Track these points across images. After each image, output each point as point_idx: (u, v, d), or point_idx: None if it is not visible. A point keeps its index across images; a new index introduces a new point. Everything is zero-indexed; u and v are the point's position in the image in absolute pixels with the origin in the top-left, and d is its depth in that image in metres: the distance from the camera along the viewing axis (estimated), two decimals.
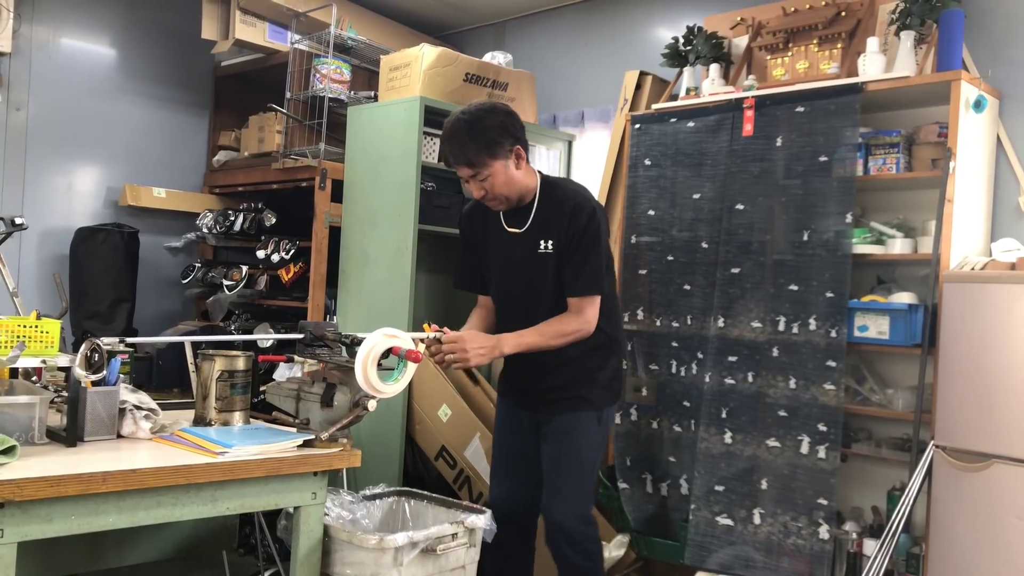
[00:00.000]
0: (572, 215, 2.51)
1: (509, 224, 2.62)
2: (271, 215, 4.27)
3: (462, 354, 2.34)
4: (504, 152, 2.47)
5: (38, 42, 4.28)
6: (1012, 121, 3.14)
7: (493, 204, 2.57)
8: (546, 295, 2.56)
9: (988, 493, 2.60)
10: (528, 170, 2.58)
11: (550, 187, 2.61)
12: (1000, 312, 2.62)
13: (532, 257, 2.57)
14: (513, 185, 2.52)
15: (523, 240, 2.59)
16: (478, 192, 2.52)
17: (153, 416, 2.18)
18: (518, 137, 2.51)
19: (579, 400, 2.58)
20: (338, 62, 4.19)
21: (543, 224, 2.56)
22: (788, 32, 3.36)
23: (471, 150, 2.45)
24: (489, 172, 2.47)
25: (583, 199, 2.56)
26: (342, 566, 2.17)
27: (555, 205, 2.55)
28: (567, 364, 2.58)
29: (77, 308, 4.19)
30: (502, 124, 2.48)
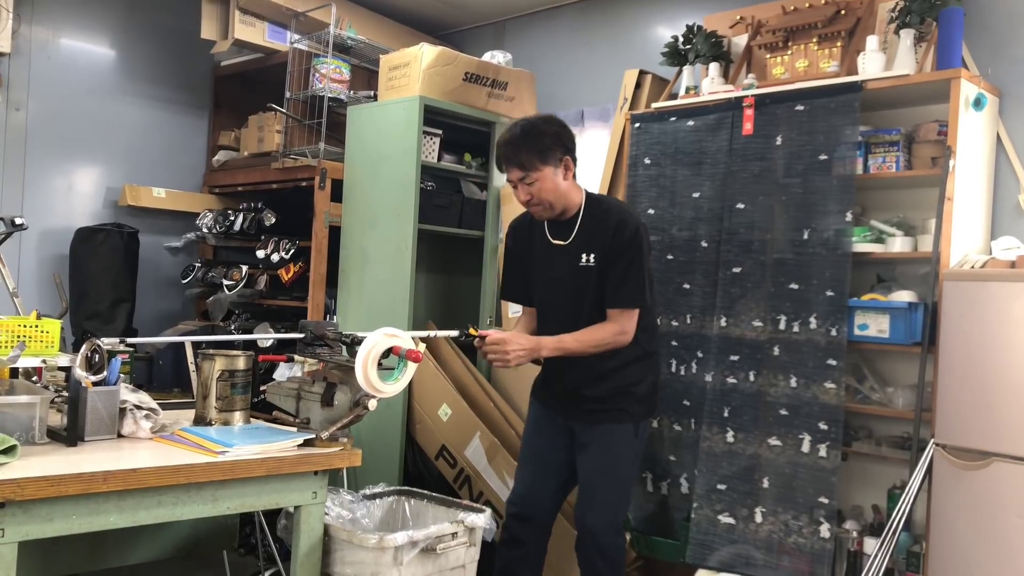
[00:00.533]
0: (616, 229, 2.58)
1: (554, 237, 2.70)
2: (271, 215, 4.27)
3: (503, 355, 2.46)
4: (554, 160, 2.57)
5: (38, 42, 4.28)
6: (1012, 119, 3.14)
7: (537, 210, 2.64)
8: (586, 307, 2.62)
9: (988, 491, 2.60)
10: (575, 184, 2.67)
11: (595, 202, 2.69)
12: (1000, 310, 2.62)
13: (574, 270, 2.63)
14: (559, 194, 2.60)
15: (566, 252, 2.66)
16: (524, 196, 2.61)
17: (153, 416, 2.18)
18: (569, 149, 2.62)
19: (618, 412, 2.63)
20: (337, 62, 4.19)
21: (586, 238, 2.63)
22: (788, 31, 3.36)
23: (524, 153, 2.55)
24: (538, 176, 2.56)
25: (627, 215, 2.65)
26: (342, 565, 2.17)
27: (599, 220, 2.63)
28: (606, 377, 2.63)
29: (77, 308, 4.19)
30: (556, 133, 2.60)
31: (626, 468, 2.67)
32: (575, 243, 2.65)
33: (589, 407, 2.66)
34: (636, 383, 2.66)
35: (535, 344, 2.53)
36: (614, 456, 2.64)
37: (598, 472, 2.65)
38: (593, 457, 2.66)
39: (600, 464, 2.65)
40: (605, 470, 2.64)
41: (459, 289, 4.14)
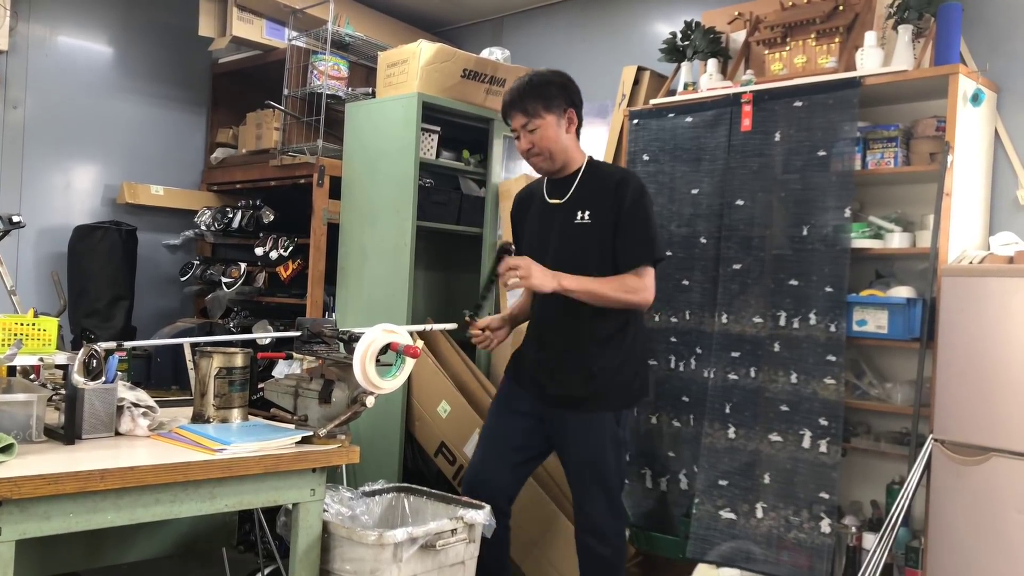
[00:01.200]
0: (618, 187, 2.56)
1: (551, 196, 2.68)
2: (269, 212, 4.27)
3: (527, 272, 2.42)
4: (558, 109, 2.59)
5: (35, 40, 4.27)
6: (1010, 114, 3.13)
7: (536, 161, 2.63)
8: (583, 270, 2.54)
9: (987, 486, 2.60)
10: (577, 143, 2.67)
11: (596, 165, 2.69)
12: (998, 306, 2.62)
13: (569, 228, 2.60)
14: (560, 145, 2.60)
15: (562, 210, 2.63)
16: (525, 144, 2.61)
17: (151, 413, 2.18)
18: (575, 103, 2.63)
19: (597, 400, 2.59)
20: (336, 59, 4.19)
21: (584, 196, 2.61)
22: (786, 27, 3.36)
23: (528, 99, 2.57)
24: (540, 124, 2.57)
25: (630, 174, 2.65)
26: (341, 562, 2.17)
27: (599, 179, 2.62)
28: (585, 358, 2.58)
29: (76, 306, 4.19)
30: (563, 84, 2.63)
31: (613, 456, 2.61)
32: (571, 201, 2.62)
33: (565, 393, 2.60)
34: (618, 368, 2.60)
35: (557, 275, 2.46)
36: (597, 447, 2.59)
37: (584, 464, 2.62)
38: (575, 450, 2.62)
39: (583, 457, 2.61)
40: (591, 462, 2.60)
41: (458, 286, 4.14)
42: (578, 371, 2.59)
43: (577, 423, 2.60)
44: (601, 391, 2.58)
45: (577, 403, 2.60)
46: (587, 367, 2.58)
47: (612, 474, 2.62)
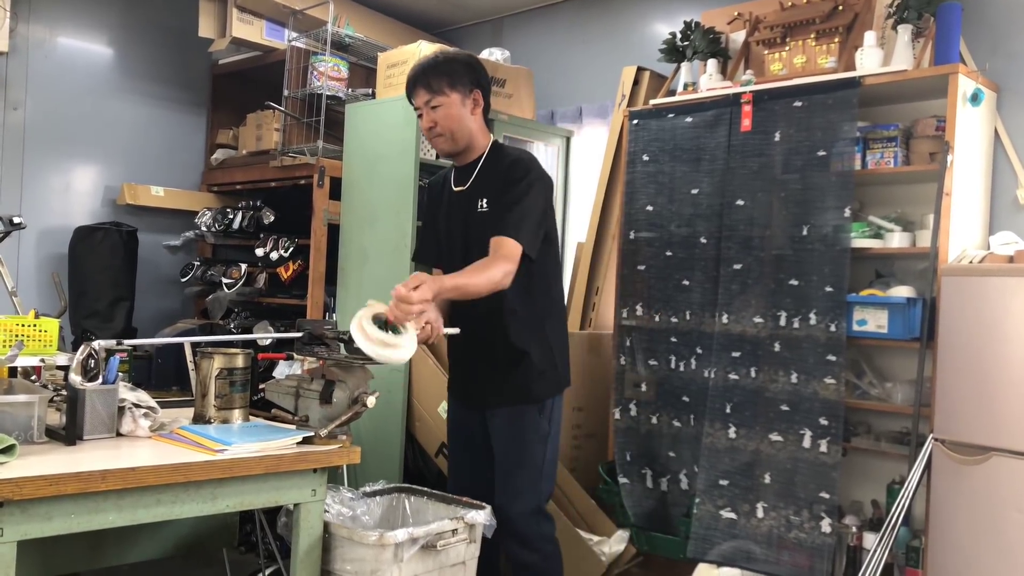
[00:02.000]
0: (508, 170, 2.49)
1: (456, 184, 2.61)
2: (269, 213, 4.27)
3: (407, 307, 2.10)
4: (463, 88, 2.50)
5: (35, 41, 4.28)
6: (1010, 114, 3.13)
7: (439, 142, 2.55)
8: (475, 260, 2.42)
9: (987, 486, 2.60)
10: (483, 127, 2.58)
11: (499, 149, 2.60)
12: (998, 305, 2.62)
13: (471, 216, 2.54)
14: (462, 125, 2.51)
15: (465, 198, 2.57)
16: (427, 123, 2.52)
17: (152, 414, 2.18)
18: (480, 84, 2.55)
19: (518, 391, 2.51)
20: (336, 59, 4.19)
21: (483, 183, 2.54)
22: (785, 27, 3.36)
23: (433, 75, 2.49)
24: (443, 101, 2.49)
25: (525, 159, 2.53)
26: (342, 562, 2.17)
27: (497, 164, 2.54)
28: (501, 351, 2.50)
29: (76, 307, 4.19)
30: (468, 63, 2.55)
31: (535, 451, 2.51)
32: (472, 188, 2.55)
33: (491, 387, 2.54)
34: (534, 356, 2.50)
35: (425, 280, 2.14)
36: (520, 440, 2.51)
37: (505, 457, 2.53)
38: (499, 443, 2.55)
39: (506, 449, 2.53)
40: (512, 455, 2.52)
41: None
42: (496, 367, 2.53)
43: (501, 419, 2.54)
44: (520, 383, 2.50)
45: (498, 398, 2.53)
46: (505, 361, 2.51)
47: (535, 471, 2.51)
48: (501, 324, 2.51)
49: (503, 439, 2.55)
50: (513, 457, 2.53)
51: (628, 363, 3.56)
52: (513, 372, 2.52)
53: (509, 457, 2.54)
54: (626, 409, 3.55)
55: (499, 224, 2.41)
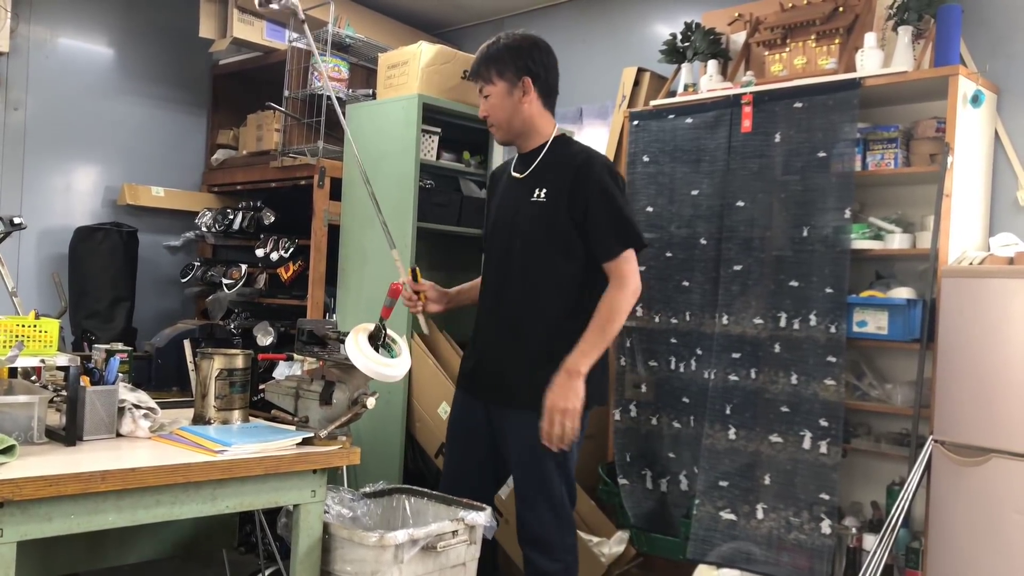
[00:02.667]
0: (580, 169, 2.39)
1: (516, 170, 2.55)
2: (270, 213, 4.27)
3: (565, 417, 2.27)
4: (509, 75, 2.45)
5: (36, 41, 4.28)
6: (1010, 116, 3.13)
7: (493, 131, 2.54)
8: (529, 251, 2.42)
9: (987, 487, 2.60)
10: (544, 114, 2.52)
11: (565, 141, 2.54)
12: (998, 307, 2.62)
13: (526, 206, 2.45)
14: (511, 113, 2.47)
15: (522, 185, 2.49)
16: (481, 110, 2.52)
17: (152, 415, 2.18)
18: (531, 69, 2.46)
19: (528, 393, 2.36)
20: (336, 60, 4.19)
21: (544, 172, 2.46)
22: (786, 28, 3.36)
23: (482, 64, 2.48)
24: (491, 91, 2.47)
25: (596, 156, 2.45)
26: (342, 563, 2.17)
27: (563, 156, 2.46)
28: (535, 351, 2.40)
29: (76, 307, 4.20)
30: (515, 49, 2.47)
31: (556, 459, 2.39)
32: (531, 176, 2.47)
33: (509, 385, 2.42)
34: None
35: (565, 380, 2.26)
36: (536, 450, 2.36)
37: (525, 467, 2.43)
38: (515, 450, 2.44)
39: (524, 458, 2.42)
40: (532, 463, 2.40)
41: None
42: (523, 366, 2.42)
43: (517, 419, 2.42)
44: (537, 386, 2.34)
45: (518, 399, 2.41)
46: (532, 362, 2.40)
47: (555, 479, 2.41)
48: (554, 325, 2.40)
49: (517, 447, 2.45)
50: (530, 466, 2.43)
51: (628, 364, 3.57)
52: (531, 371, 2.39)
53: (525, 466, 2.44)
54: (626, 410, 3.55)
55: (607, 242, 2.36)
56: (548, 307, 2.41)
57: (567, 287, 2.41)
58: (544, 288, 2.41)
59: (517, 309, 2.45)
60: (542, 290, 2.41)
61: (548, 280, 2.41)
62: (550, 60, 2.53)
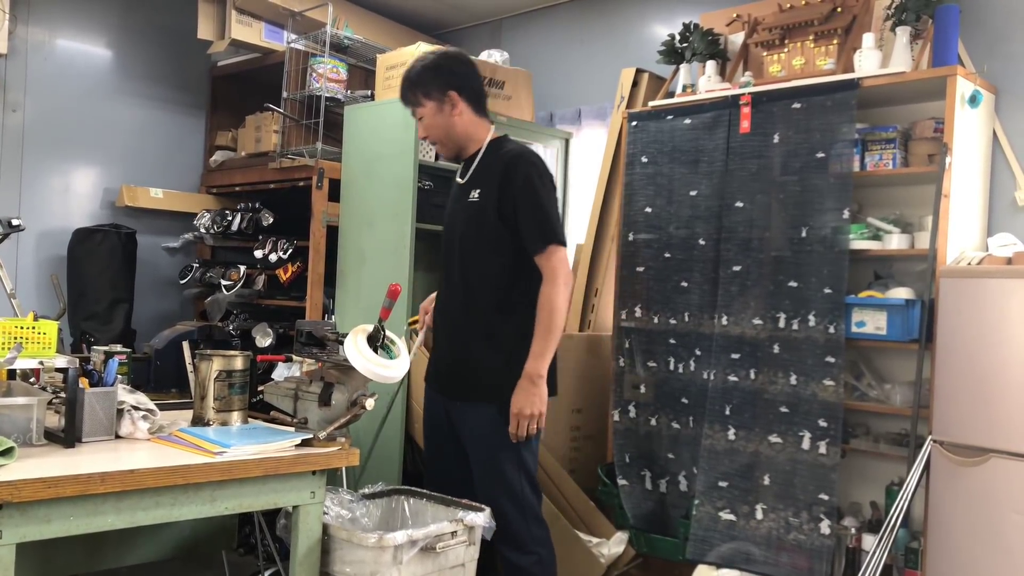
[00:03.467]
0: (507, 167, 2.48)
1: (460, 176, 2.65)
2: (268, 215, 4.27)
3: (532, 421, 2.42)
4: (435, 94, 2.53)
5: (34, 43, 4.28)
6: (1008, 116, 3.14)
7: (436, 148, 2.65)
8: (468, 249, 2.52)
9: (986, 487, 2.61)
10: (475, 120, 2.59)
11: (499, 142, 2.61)
12: (997, 307, 2.62)
13: (464, 206, 2.56)
14: (446, 129, 2.56)
15: (462, 189, 2.60)
16: (420, 133, 2.63)
17: (151, 416, 2.18)
18: (453, 83, 2.54)
19: (489, 390, 2.48)
20: (335, 61, 4.19)
21: (480, 174, 2.56)
22: (784, 28, 3.36)
23: (408, 89, 2.58)
24: (423, 112, 2.57)
25: (523, 153, 2.54)
26: (342, 565, 2.17)
27: (496, 156, 2.55)
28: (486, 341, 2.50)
29: (75, 309, 4.19)
30: (435, 68, 2.55)
31: (508, 455, 2.47)
32: (470, 179, 2.58)
33: (458, 380, 2.53)
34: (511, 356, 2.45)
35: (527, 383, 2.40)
36: (488, 442, 2.48)
37: (484, 461, 2.51)
38: (471, 443, 2.54)
39: (482, 452, 2.51)
40: (489, 456, 2.49)
41: None
42: (472, 361, 2.52)
43: (469, 412, 2.52)
44: (495, 381, 2.47)
45: (472, 393, 2.52)
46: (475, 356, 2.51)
47: (512, 472, 2.48)
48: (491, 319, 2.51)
49: (471, 439, 2.54)
50: (485, 460, 2.51)
51: (627, 365, 3.57)
52: (478, 364, 2.51)
53: (481, 460, 2.53)
54: (625, 411, 3.56)
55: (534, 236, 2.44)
56: (483, 302, 2.51)
57: (498, 282, 2.50)
58: (479, 284, 2.52)
59: (457, 306, 2.56)
60: (477, 286, 2.52)
61: (481, 276, 2.51)
62: (470, 69, 2.62)
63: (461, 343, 2.55)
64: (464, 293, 2.54)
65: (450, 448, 2.64)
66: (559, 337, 2.45)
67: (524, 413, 2.41)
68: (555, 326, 2.42)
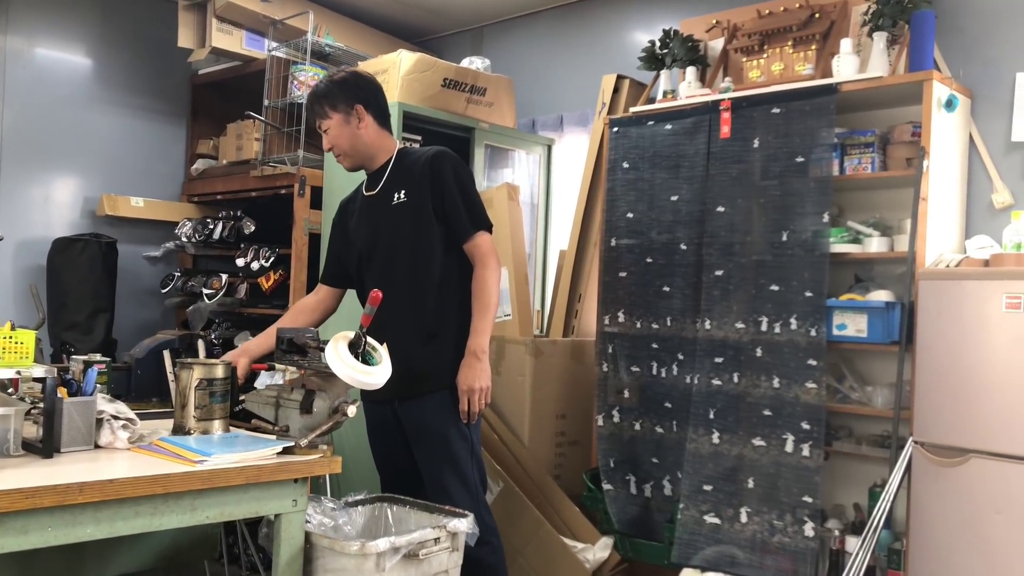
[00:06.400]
0: (432, 162, 2.58)
1: (367, 190, 2.71)
2: (250, 223, 4.25)
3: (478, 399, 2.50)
4: (342, 106, 2.61)
5: (12, 52, 4.25)
6: (984, 120, 3.17)
7: (340, 160, 2.69)
8: (403, 249, 2.58)
9: (966, 487, 2.63)
10: (380, 134, 2.68)
11: (406, 151, 2.73)
12: (975, 308, 2.65)
13: (387, 213, 2.61)
14: (353, 141, 2.63)
15: (378, 199, 2.66)
16: (326, 144, 2.67)
17: (131, 426, 2.16)
18: (360, 97, 2.63)
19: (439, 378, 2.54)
20: (316, 69, 4.18)
21: (397, 180, 2.63)
22: (763, 34, 3.39)
23: (315, 102, 2.65)
24: (328, 124, 2.63)
25: (442, 150, 2.66)
26: (324, 573, 2.15)
27: (411, 162, 2.64)
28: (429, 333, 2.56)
29: (55, 319, 4.16)
30: (343, 82, 2.65)
31: (458, 440, 2.54)
32: (385, 187, 2.64)
33: (416, 376, 2.53)
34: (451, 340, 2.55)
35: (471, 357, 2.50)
36: (439, 429, 2.53)
37: (436, 454, 2.55)
38: (421, 436, 2.57)
39: (427, 442, 2.56)
40: (439, 448, 2.54)
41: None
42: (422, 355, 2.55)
43: (424, 406, 2.55)
44: (435, 371, 2.54)
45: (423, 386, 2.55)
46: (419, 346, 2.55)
47: (467, 460, 2.55)
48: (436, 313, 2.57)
49: (423, 437, 2.57)
50: (439, 448, 2.55)
51: (611, 370, 3.57)
52: (428, 358, 2.55)
53: (434, 449, 2.56)
54: (609, 416, 3.56)
55: (466, 222, 2.56)
56: (427, 296, 2.58)
57: (439, 273, 2.58)
58: (424, 281, 2.58)
59: (403, 307, 2.57)
60: (422, 284, 2.58)
61: (425, 273, 2.58)
62: (376, 86, 2.71)
63: (409, 344, 2.54)
64: (409, 294, 2.57)
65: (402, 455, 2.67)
66: (494, 316, 2.58)
67: (474, 387, 2.49)
68: (492, 304, 2.55)
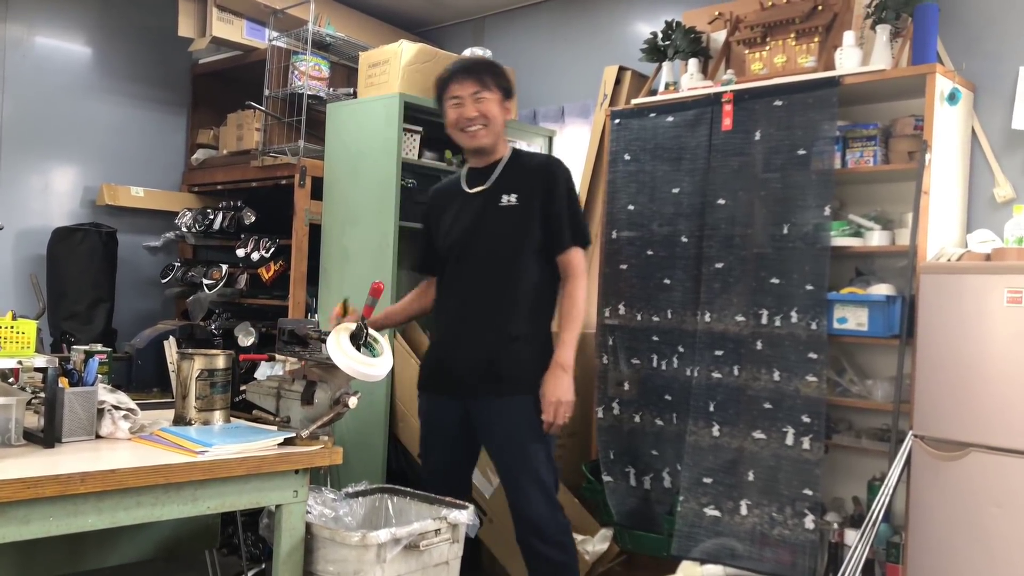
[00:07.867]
0: (545, 171, 2.65)
1: (472, 186, 2.71)
2: (251, 213, 4.25)
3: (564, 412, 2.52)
4: (505, 91, 2.69)
5: (12, 41, 4.24)
6: (986, 113, 3.17)
7: (474, 131, 2.64)
8: (503, 251, 2.61)
9: (966, 481, 2.63)
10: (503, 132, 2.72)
11: (521, 153, 2.77)
12: (976, 302, 2.65)
13: (494, 212, 2.63)
14: (498, 122, 2.66)
15: (485, 196, 2.66)
16: (471, 111, 2.62)
17: (132, 416, 2.16)
18: (512, 93, 2.75)
19: (526, 382, 2.56)
20: (317, 59, 4.17)
21: (508, 181, 2.66)
22: (765, 26, 3.38)
23: (484, 70, 2.67)
24: (488, 96, 2.64)
25: (557, 160, 2.73)
26: (325, 563, 2.16)
27: (523, 166, 2.69)
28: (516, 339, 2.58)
29: (55, 309, 4.16)
30: (502, 70, 2.73)
31: (539, 446, 2.57)
32: (495, 186, 2.65)
33: (498, 377, 2.57)
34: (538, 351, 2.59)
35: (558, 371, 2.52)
36: (521, 433, 2.56)
37: (514, 454, 2.58)
38: (501, 438, 2.60)
39: (508, 444, 2.58)
40: (516, 450, 2.57)
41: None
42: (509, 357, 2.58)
43: (510, 409, 2.57)
44: (518, 374, 2.56)
45: (508, 388, 2.57)
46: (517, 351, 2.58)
47: (542, 464, 2.57)
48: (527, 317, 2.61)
49: (504, 434, 2.59)
50: (518, 452, 2.57)
51: (611, 362, 3.57)
52: (510, 360, 2.58)
53: (513, 452, 2.58)
54: (609, 408, 3.56)
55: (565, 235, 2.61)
56: (522, 299, 2.61)
57: (531, 279, 2.62)
58: (513, 282, 2.61)
59: (490, 306, 2.61)
60: (512, 284, 2.61)
61: (515, 275, 2.61)
62: None
63: (490, 343, 2.59)
64: (499, 295, 2.60)
65: (458, 453, 2.71)
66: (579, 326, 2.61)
67: (562, 400, 2.51)
68: (581, 319, 2.60)
